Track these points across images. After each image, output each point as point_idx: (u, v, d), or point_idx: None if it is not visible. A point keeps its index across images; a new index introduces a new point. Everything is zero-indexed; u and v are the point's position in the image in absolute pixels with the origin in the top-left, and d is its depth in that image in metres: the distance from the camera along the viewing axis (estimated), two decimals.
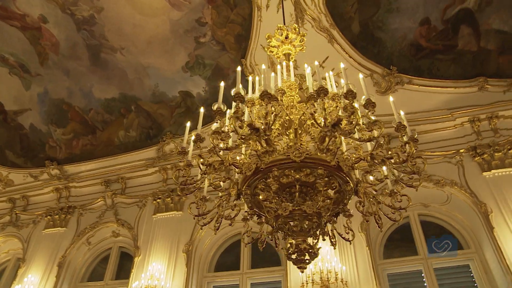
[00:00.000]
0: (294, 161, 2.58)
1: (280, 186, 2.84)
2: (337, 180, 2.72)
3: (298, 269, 2.70)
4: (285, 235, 2.87)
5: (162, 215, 8.27)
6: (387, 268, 7.15)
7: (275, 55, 4.36)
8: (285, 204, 2.66)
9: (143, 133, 8.89)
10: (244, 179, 2.83)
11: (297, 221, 2.67)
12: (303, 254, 2.59)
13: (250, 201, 2.94)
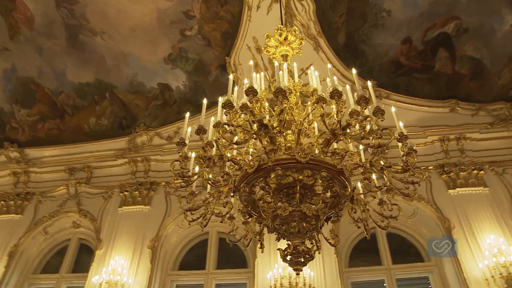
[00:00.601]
0: (299, 162, 2.55)
1: (278, 186, 2.81)
2: (337, 184, 2.72)
3: (294, 269, 2.65)
4: (280, 236, 2.84)
5: (128, 208, 7.98)
6: (351, 276, 7.29)
7: (272, 55, 4.33)
8: (285, 205, 2.62)
9: (116, 122, 8.56)
10: (244, 176, 2.76)
11: (296, 222, 2.64)
12: (300, 256, 2.56)
13: (246, 199, 2.87)
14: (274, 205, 2.70)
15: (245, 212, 3.06)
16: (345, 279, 7.06)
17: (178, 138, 3.00)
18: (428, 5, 7.48)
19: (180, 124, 8.37)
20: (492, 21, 7.60)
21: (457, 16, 7.58)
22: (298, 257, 2.57)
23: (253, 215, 3.11)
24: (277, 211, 2.63)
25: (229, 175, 2.87)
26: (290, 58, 4.24)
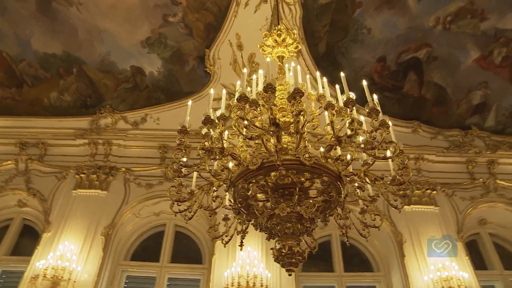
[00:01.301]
0: (303, 164, 2.56)
1: (275, 186, 2.80)
2: (334, 190, 2.77)
3: (286, 270, 2.66)
4: (271, 236, 2.83)
5: (84, 191, 7.57)
6: (303, 281, 7.44)
7: (267, 54, 4.32)
8: (283, 205, 2.62)
9: (80, 100, 8.10)
10: (243, 172, 2.73)
11: (292, 223, 2.64)
12: (293, 257, 2.57)
13: (241, 196, 2.84)
14: (272, 204, 2.69)
15: (236, 209, 3.03)
16: (298, 283, 7.19)
17: (181, 126, 2.87)
18: (406, 29, 7.85)
19: (148, 110, 8.10)
20: (458, 54, 8.15)
21: (429, 44, 8.04)
22: (291, 258, 2.57)
23: (242, 212, 3.09)
24: (274, 210, 2.62)
25: (229, 169, 2.82)
26: (285, 60, 4.25)
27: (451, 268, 6.74)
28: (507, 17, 7.71)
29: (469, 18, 7.69)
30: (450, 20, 7.69)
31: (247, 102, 2.60)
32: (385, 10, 7.57)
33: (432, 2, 7.47)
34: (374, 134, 2.57)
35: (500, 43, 8.01)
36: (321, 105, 2.93)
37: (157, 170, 7.93)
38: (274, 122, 2.52)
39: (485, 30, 7.85)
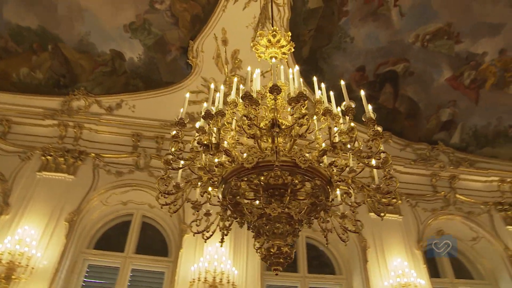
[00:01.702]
0: (298, 166, 2.60)
1: (265, 186, 2.82)
2: (324, 194, 2.83)
3: (273, 269, 2.68)
4: (259, 235, 2.85)
5: (49, 174, 7.25)
6: (268, 280, 7.51)
7: (259, 53, 4.34)
8: (274, 205, 2.65)
9: (52, 79, 7.74)
10: (237, 169, 2.73)
11: (281, 224, 2.68)
12: (281, 257, 2.61)
13: (232, 193, 2.84)
14: (262, 203, 2.70)
15: (224, 205, 3.03)
16: (263, 281, 7.26)
17: (177, 120, 2.81)
18: (387, 43, 8.11)
19: (125, 96, 7.88)
20: (433, 71, 8.52)
21: (407, 59, 8.35)
22: (279, 257, 2.61)
23: (229, 209, 3.09)
24: (265, 210, 2.64)
25: (223, 165, 2.81)
26: (276, 61, 4.28)
27: (410, 275, 7.05)
28: (479, 43, 8.15)
29: (446, 39, 8.05)
30: (428, 38, 8.03)
31: (252, 101, 2.57)
32: (370, 22, 7.78)
33: (414, 19, 7.76)
34: (370, 143, 2.64)
35: (471, 66, 8.45)
36: (317, 109, 2.97)
37: (129, 159, 7.73)
38: (277, 124, 2.53)
39: (458, 52, 8.26)
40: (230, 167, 2.78)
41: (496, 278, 8.26)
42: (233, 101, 3.06)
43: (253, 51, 4.39)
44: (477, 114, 8.79)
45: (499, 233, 8.35)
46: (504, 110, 8.86)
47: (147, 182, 7.54)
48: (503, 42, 8.11)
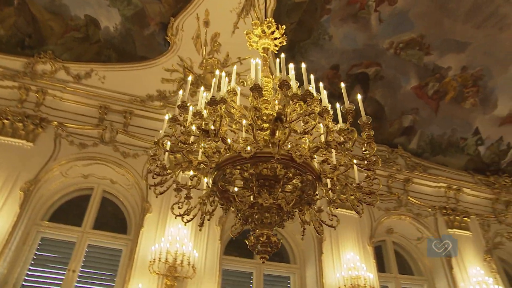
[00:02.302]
0: (294, 160, 2.69)
1: (257, 176, 2.88)
2: (311, 188, 2.95)
3: (260, 257, 2.76)
4: (245, 223, 2.91)
5: (5, 139, 6.80)
6: (225, 264, 7.62)
7: (252, 43, 4.35)
8: (265, 195, 2.72)
9: (16, 37, 7.21)
10: (233, 158, 2.76)
11: (270, 214, 2.76)
12: (269, 246, 2.70)
13: (224, 180, 2.87)
14: (255, 193, 2.76)
15: (213, 191, 3.06)
16: (221, 265, 7.35)
17: (173, 103, 2.78)
18: (363, 45, 8.38)
19: (96, 66, 7.53)
20: (401, 78, 8.94)
21: (380, 64, 8.69)
22: (267, 246, 2.69)
23: (217, 196, 3.13)
24: (258, 200, 2.71)
25: (220, 152, 2.83)
26: (270, 52, 4.32)
27: (361, 269, 7.47)
28: (445, 57, 8.66)
29: (417, 50, 8.47)
30: (401, 47, 8.39)
31: (261, 94, 2.60)
32: (350, 23, 7.99)
33: (391, 27, 8.06)
34: (366, 146, 2.77)
35: (435, 78, 8.96)
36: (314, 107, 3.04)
37: (94, 131, 7.44)
38: (279, 117, 2.59)
39: (426, 63, 8.71)
40: (226, 154, 2.80)
41: (433, 276, 8.96)
42: (233, 89, 3.05)
43: (234, 35, 4.45)
44: (435, 124, 9.37)
45: (441, 235, 9.04)
46: (458, 123, 9.51)
47: (111, 157, 7.32)
48: (466, 60, 8.67)
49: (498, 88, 9.18)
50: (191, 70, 7.65)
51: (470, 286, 8.35)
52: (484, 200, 9.91)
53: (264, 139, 2.93)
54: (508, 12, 7.79)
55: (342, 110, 2.94)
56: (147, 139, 7.61)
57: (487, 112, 9.50)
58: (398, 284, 8.67)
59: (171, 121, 2.93)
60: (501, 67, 8.79)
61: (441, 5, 7.64)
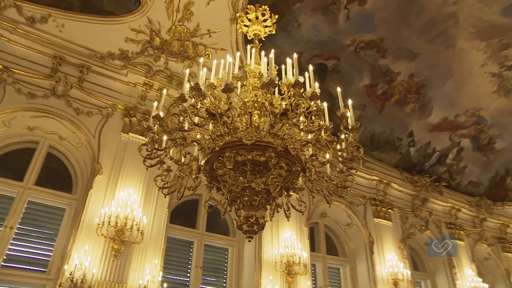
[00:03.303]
0: (288, 152, 2.92)
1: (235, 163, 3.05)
2: (295, 177, 3.22)
3: (246, 236, 2.97)
4: (232, 203, 3.09)
5: None
6: (170, 232, 7.71)
7: (243, 26, 4.42)
8: (258, 181, 2.93)
9: None
10: (233, 142, 2.90)
11: (259, 197, 2.98)
12: (254, 226, 2.92)
13: (220, 162, 3.01)
14: (248, 177, 2.94)
15: (206, 170, 3.18)
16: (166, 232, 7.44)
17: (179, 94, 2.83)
18: (327, 38, 8.73)
19: (55, 12, 6.94)
20: (356, 75, 9.51)
21: (339, 58, 9.14)
22: (253, 226, 2.92)
23: (206, 176, 3.27)
24: (251, 183, 2.90)
25: (223, 136, 2.93)
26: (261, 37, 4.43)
27: (297, 247, 8.06)
28: (398, 63, 9.37)
29: (375, 51, 9.04)
30: (361, 46, 8.89)
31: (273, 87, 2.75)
32: (319, 15, 8.26)
33: (356, 26, 8.49)
34: (353, 149, 3.07)
35: (385, 80, 9.68)
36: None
37: (45, 82, 6.95)
38: (285, 113, 2.77)
39: (380, 65, 9.35)
40: (226, 138, 2.93)
41: (355, 258, 9.94)
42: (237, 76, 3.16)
43: (208, 7, 4.56)
44: (378, 122, 10.16)
45: (368, 223, 10.01)
46: (397, 124, 10.42)
47: (63, 111, 6.94)
48: (415, 68, 9.47)
49: (435, 98, 10.20)
50: (158, 34, 7.41)
51: (385, 269, 9.45)
52: (407, 195, 11.09)
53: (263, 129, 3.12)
54: (456, 33, 8.62)
55: (337, 114, 3.18)
56: (103, 98, 7.31)
57: (422, 118, 10.53)
58: (325, 263, 9.51)
59: (180, 99, 2.93)
60: (440, 81, 9.75)
61: (404, 16, 8.21)
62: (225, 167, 3.04)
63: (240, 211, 3.09)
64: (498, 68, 9.41)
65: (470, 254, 11.58)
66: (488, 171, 12.21)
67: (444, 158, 11.47)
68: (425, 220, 11.10)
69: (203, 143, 3.11)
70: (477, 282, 10.70)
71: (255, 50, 4.14)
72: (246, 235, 2.99)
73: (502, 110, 10.59)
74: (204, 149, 2.99)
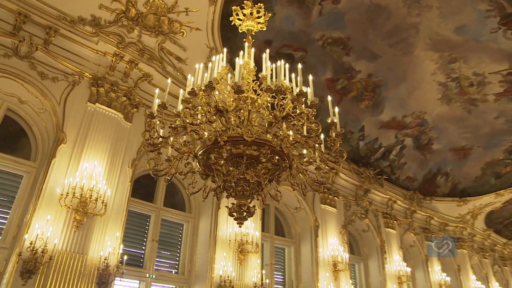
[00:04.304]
0: (282, 150, 3.24)
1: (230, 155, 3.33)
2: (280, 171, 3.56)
3: (237, 222, 3.26)
4: (224, 190, 3.36)
5: None
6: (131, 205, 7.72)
7: (236, 19, 4.58)
8: (251, 173, 3.22)
9: None
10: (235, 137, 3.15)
11: (250, 188, 3.28)
12: (244, 212, 3.23)
13: (218, 153, 3.24)
14: (243, 169, 3.22)
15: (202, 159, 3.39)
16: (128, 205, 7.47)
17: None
18: (298, 30, 9.03)
19: None
20: (320, 68, 9.96)
21: (307, 50, 9.50)
22: (243, 213, 3.22)
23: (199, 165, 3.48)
24: (246, 175, 3.18)
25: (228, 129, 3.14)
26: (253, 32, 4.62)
27: (250, 227, 8.51)
28: (359, 62, 9.95)
29: (340, 48, 9.52)
30: (329, 42, 9.32)
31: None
32: (294, 7, 8.51)
33: (327, 22, 8.87)
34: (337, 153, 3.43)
35: (346, 76, 10.25)
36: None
37: (7, 40, 6.53)
38: (286, 116, 3.06)
39: (344, 62, 9.88)
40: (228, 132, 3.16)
41: (301, 240, 10.66)
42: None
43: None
44: None
45: (315, 208, 10.73)
46: (351, 118, 11.13)
47: (25, 74, 6.60)
48: (374, 69, 10.12)
49: (388, 98, 11.00)
50: (134, 6, 7.22)
51: (327, 252, 10.27)
52: (352, 185, 11.97)
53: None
54: (414, 42, 9.35)
55: (328, 121, 3.51)
56: (70, 64, 7.05)
57: (374, 115, 11.33)
58: (273, 243, 10.11)
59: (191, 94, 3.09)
60: (394, 84, 10.53)
61: (372, 19, 8.71)
62: (222, 158, 3.28)
63: (230, 199, 3.37)
64: (445, 78, 10.37)
65: (399, 241, 12.89)
66: (423, 168, 13.51)
67: (388, 153, 12.49)
68: (366, 209, 12.12)
69: (201, 133, 3.31)
70: (402, 266, 12.00)
71: (247, 45, 4.33)
72: (237, 221, 3.28)
73: (443, 116, 11.73)
74: (205, 140, 3.19)
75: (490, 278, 16.99)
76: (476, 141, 12.81)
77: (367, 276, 12.06)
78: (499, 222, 17.15)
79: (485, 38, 8.98)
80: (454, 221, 15.57)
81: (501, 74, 10.09)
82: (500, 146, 13.06)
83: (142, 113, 7.94)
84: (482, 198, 14.62)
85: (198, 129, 3.36)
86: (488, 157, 13.55)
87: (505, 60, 9.58)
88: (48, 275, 5.55)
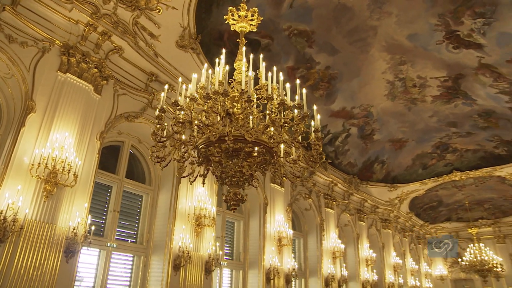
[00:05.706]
0: (269, 146, 3.78)
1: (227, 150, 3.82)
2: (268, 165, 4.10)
3: (232, 209, 3.75)
4: (219, 180, 3.84)
5: None
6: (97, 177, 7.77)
7: (230, 18, 4.91)
8: (232, 165, 3.73)
9: None
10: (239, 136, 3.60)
11: (244, 178, 3.79)
12: (236, 200, 3.75)
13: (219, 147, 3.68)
14: (240, 163, 3.70)
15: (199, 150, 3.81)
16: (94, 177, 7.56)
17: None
18: (267, 19, 9.37)
19: None
20: (283, 56, 10.48)
21: (273, 38, 9.94)
22: (236, 201, 3.74)
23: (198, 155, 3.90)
24: (242, 168, 3.69)
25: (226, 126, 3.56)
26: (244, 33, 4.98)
27: (207, 203, 9.02)
28: (320, 54, 10.62)
29: (304, 40, 10.09)
30: (295, 33, 9.84)
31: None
32: None
33: (295, 15, 9.34)
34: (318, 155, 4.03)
35: (306, 66, 10.90)
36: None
37: None
38: (288, 122, 3.57)
39: (305, 53, 10.48)
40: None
41: (250, 216, 11.41)
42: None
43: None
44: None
45: (265, 187, 11.48)
46: None
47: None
48: (332, 62, 10.87)
49: (341, 90, 11.88)
50: None
51: (273, 228, 11.15)
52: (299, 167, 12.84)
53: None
54: (371, 43, 10.19)
55: (313, 128, 4.07)
56: (40, 30, 6.83)
57: (327, 104, 12.19)
58: (224, 217, 10.74)
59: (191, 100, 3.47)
60: (348, 77, 11.40)
61: (337, 17, 9.34)
62: (221, 151, 3.73)
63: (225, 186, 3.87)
64: (393, 77, 11.44)
65: (336, 221, 14.23)
66: (364, 155, 14.84)
67: (334, 140, 13.54)
68: (310, 190, 13.16)
69: (205, 129, 3.72)
70: (337, 243, 13.36)
71: (240, 45, 4.72)
72: (231, 207, 3.79)
73: (386, 110, 12.94)
74: (209, 136, 3.60)
75: (407, 255, 19.39)
76: (411, 135, 14.35)
77: (305, 250, 13.27)
78: (420, 207, 19.49)
79: (431, 48, 10.07)
80: (384, 204, 17.40)
81: (439, 80, 11.40)
82: (430, 141, 14.77)
83: (111, 85, 7.96)
84: (409, 185, 16.50)
85: (205, 129, 3.76)
86: (419, 150, 15.26)
87: (444, 69, 10.84)
88: (17, 244, 5.66)
